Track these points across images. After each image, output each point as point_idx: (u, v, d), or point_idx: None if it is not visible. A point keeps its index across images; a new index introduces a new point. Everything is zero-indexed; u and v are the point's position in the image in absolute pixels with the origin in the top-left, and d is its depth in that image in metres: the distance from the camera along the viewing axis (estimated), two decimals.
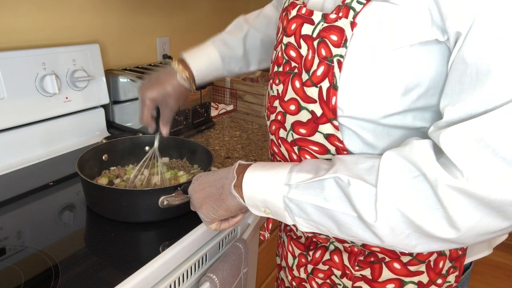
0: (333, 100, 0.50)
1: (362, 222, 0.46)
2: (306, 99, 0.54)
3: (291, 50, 0.56)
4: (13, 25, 0.97)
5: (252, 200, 0.54)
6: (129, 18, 1.29)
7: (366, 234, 0.47)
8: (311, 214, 0.50)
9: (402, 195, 0.43)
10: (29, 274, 0.60)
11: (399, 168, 0.44)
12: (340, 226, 0.48)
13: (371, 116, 0.50)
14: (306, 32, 0.53)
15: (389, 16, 0.45)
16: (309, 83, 0.53)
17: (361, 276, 0.62)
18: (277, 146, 0.64)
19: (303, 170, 0.51)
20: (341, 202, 0.47)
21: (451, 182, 0.40)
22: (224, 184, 0.58)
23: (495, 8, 0.38)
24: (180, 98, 0.78)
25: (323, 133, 0.54)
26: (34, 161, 0.96)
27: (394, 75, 0.47)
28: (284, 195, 0.51)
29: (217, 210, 0.59)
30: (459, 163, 0.40)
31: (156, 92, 0.75)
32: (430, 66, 0.46)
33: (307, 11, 0.53)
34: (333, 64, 0.49)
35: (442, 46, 0.44)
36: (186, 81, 0.76)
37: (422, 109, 0.49)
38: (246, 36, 0.82)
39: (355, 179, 0.46)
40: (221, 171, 0.61)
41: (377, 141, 0.52)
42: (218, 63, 0.80)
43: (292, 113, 0.58)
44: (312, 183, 0.49)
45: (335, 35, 0.49)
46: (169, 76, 0.76)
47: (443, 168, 0.41)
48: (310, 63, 0.53)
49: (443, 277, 0.61)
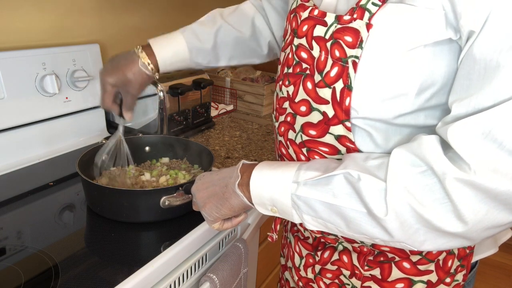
0: (347, 101, 0.50)
1: (372, 217, 0.46)
2: (318, 100, 0.54)
3: (303, 52, 0.56)
4: (13, 25, 0.97)
5: (259, 198, 0.55)
6: (129, 18, 1.29)
7: (376, 230, 0.47)
8: (320, 211, 0.50)
9: (411, 190, 0.44)
10: (29, 274, 0.60)
11: (407, 163, 0.45)
12: (349, 223, 0.48)
13: (384, 116, 0.50)
14: (318, 34, 0.53)
15: (405, 17, 0.45)
16: (322, 84, 0.53)
17: (370, 276, 0.62)
18: (285, 148, 0.64)
19: (312, 168, 0.51)
20: (351, 198, 0.47)
21: (458, 175, 0.40)
22: (228, 183, 0.58)
23: (507, 7, 0.39)
24: (142, 85, 0.76)
25: (334, 135, 0.54)
26: (34, 161, 0.96)
27: (409, 75, 0.47)
28: (292, 192, 0.51)
29: (221, 209, 0.59)
30: (466, 156, 0.40)
31: (115, 77, 0.73)
32: (443, 65, 0.46)
33: (320, 13, 0.53)
34: (347, 65, 0.50)
35: (454, 45, 0.45)
36: (147, 69, 0.75)
37: (434, 107, 0.50)
38: (218, 30, 0.81)
39: (365, 174, 0.46)
40: (224, 170, 0.61)
41: (388, 141, 0.52)
42: (185, 54, 0.79)
43: (303, 114, 0.58)
44: (321, 179, 0.49)
45: (350, 36, 0.49)
46: (130, 62, 0.74)
47: (451, 162, 0.41)
48: (323, 64, 0.53)
49: (452, 276, 0.61)
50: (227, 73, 1.64)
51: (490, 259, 2.29)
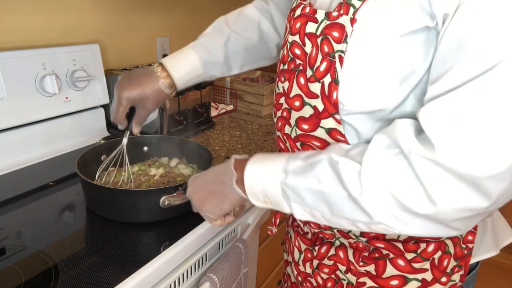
0: (334, 94, 0.52)
1: (351, 200, 0.48)
2: (310, 95, 0.57)
3: (296, 48, 0.58)
4: (13, 25, 0.97)
5: (253, 190, 0.57)
6: (129, 18, 1.29)
7: (357, 213, 0.48)
8: (306, 198, 0.52)
9: (383, 171, 0.46)
10: (29, 274, 0.60)
11: (382, 146, 0.47)
12: (332, 208, 0.50)
13: (371, 108, 0.51)
14: (310, 30, 0.55)
15: (382, 10, 0.47)
16: (312, 79, 0.55)
17: (365, 271, 0.63)
18: (283, 142, 0.66)
19: (300, 157, 0.54)
20: (332, 180, 0.49)
21: (422, 152, 0.42)
22: (225, 180, 0.59)
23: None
24: (158, 102, 0.77)
25: (325, 128, 0.56)
26: (34, 161, 0.96)
27: (390, 66, 0.49)
28: (282, 180, 0.53)
29: (222, 206, 0.61)
30: (434, 137, 0.42)
31: (135, 93, 0.74)
32: (422, 54, 0.48)
33: (311, 10, 0.56)
34: (335, 60, 0.52)
35: (432, 33, 0.46)
36: (167, 88, 0.75)
37: (420, 96, 0.50)
38: (227, 42, 0.81)
39: (345, 158, 0.49)
40: (217, 168, 0.63)
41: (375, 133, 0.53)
42: (199, 70, 0.79)
43: (297, 109, 0.60)
44: (307, 166, 0.52)
45: (337, 31, 0.51)
46: (150, 80, 0.74)
47: (420, 143, 0.43)
48: (314, 59, 0.55)
49: (448, 276, 0.61)
50: None
51: (490, 259, 2.28)
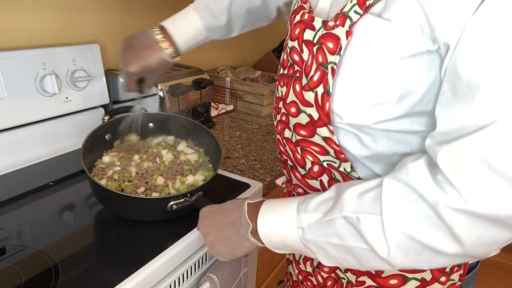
0: (327, 105, 0.52)
1: (379, 257, 0.47)
2: (304, 103, 0.56)
3: (295, 54, 0.58)
4: (13, 25, 0.97)
5: (272, 243, 0.55)
6: (129, 18, 1.28)
7: (385, 265, 0.48)
8: (330, 251, 0.51)
9: (407, 219, 0.44)
10: (29, 274, 0.60)
11: (399, 193, 0.45)
12: (359, 260, 0.49)
13: (368, 122, 0.51)
14: (307, 38, 0.55)
15: (381, 31, 0.46)
16: (307, 88, 0.55)
17: (364, 271, 0.63)
18: (283, 146, 0.66)
19: (310, 210, 0.52)
20: (355, 237, 0.48)
21: (449, 203, 0.41)
22: (239, 230, 0.57)
23: (483, 23, 0.39)
24: (165, 70, 0.77)
25: (321, 136, 0.56)
26: (34, 161, 0.96)
27: (388, 85, 0.48)
28: (300, 237, 0.52)
29: (235, 254, 0.60)
30: (456, 182, 0.40)
31: (140, 68, 0.73)
32: (423, 75, 0.47)
33: (309, 17, 0.55)
34: (327, 71, 0.51)
35: (434, 55, 0.45)
36: (169, 57, 0.74)
37: (419, 114, 0.50)
38: (231, 5, 0.80)
39: (363, 214, 0.46)
40: (230, 211, 0.59)
41: (376, 143, 0.53)
42: (203, 35, 0.78)
43: (293, 115, 0.60)
44: (323, 223, 0.50)
45: (332, 42, 0.51)
46: (153, 52, 0.73)
47: (440, 188, 0.41)
48: (309, 68, 0.54)
49: (447, 275, 0.61)
50: (227, 73, 1.64)
51: (490, 259, 2.29)
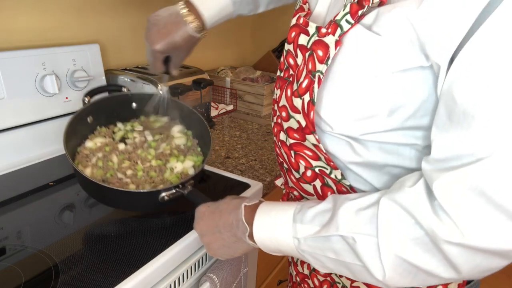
0: (311, 114, 0.51)
1: (374, 278, 0.47)
2: (293, 109, 0.56)
3: (290, 58, 0.57)
4: (13, 25, 0.97)
5: (268, 248, 0.56)
6: (129, 18, 1.28)
7: (380, 285, 0.47)
8: (326, 263, 0.51)
9: (403, 244, 0.44)
10: (29, 274, 0.60)
11: (396, 217, 0.44)
12: (354, 274, 0.49)
13: (359, 133, 0.50)
14: (302, 42, 0.54)
15: (373, 43, 0.45)
16: (296, 94, 0.54)
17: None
18: (278, 148, 0.65)
19: (306, 221, 0.51)
20: (351, 255, 0.48)
21: (447, 237, 0.40)
22: (236, 233, 0.57)
23: (478, 50, 0.38)
24: (192, 47, 0.74)
25: (310, 142, 0.56)
26: (34, 161, 0.96)
27: (378, 98, 0.47)
28: (296, 247, 0.52)
29: (234, 255, 0.60)
30: (453, 214, 0.40)
31: (165, 45, 0.70)
32: (416, 90, 0.46)
33: (304, 22, 0.54)
34: (314, 79, 0.50)
35: (427, 71, 0.44)
36: (196, 32, 0.71)
37: (412, 128, 0.49)
38: None
39: (358, 234, 0.46)
40: (227, 212, 0.59)
41: (368, 150, 0.52)
42: (229, 8, 0.74)
43: (284, 119, 0.59)
44: (319, 238, 0.50)
45: (322, 50, 0.49)
46: (178, 27, 0.70)
47: (437, 216, 0.41)
48: (300, 73, 0.54)
49: (445, 284, 0.60)
50: (227, 73, 1.64)
51: None
